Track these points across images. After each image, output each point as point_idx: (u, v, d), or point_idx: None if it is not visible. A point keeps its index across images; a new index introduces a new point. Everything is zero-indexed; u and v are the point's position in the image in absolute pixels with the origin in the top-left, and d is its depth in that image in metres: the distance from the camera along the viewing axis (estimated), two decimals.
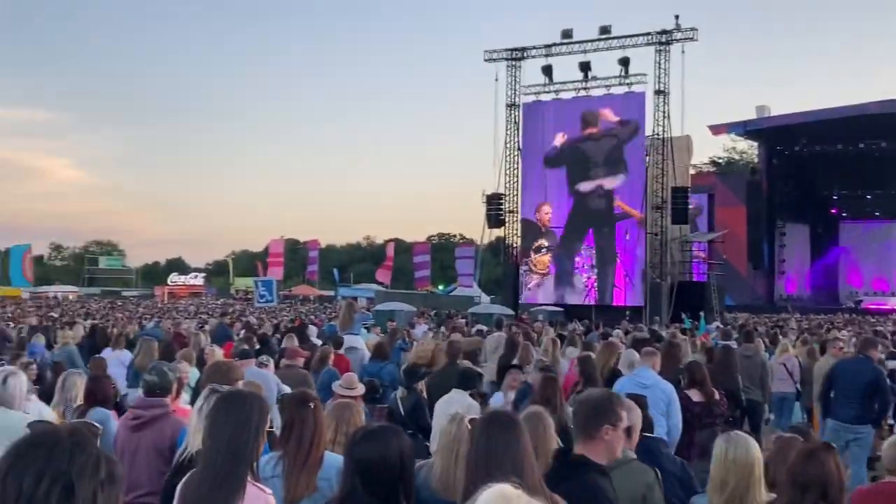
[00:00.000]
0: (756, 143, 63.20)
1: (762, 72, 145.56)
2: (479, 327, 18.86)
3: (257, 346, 11.85)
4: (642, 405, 5.14)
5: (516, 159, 39.83)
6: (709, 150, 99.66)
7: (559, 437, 4.28)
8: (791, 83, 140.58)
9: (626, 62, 36.65)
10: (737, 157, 78.43)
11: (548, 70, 38.78)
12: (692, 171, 46.44)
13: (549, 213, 38.58)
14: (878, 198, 59.96)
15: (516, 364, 9.26)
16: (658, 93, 36.32)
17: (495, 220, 40.01)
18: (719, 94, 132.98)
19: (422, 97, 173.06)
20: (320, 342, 12.97)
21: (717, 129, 61.19)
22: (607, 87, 37.56)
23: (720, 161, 78.73)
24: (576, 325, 22.20)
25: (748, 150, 72.98)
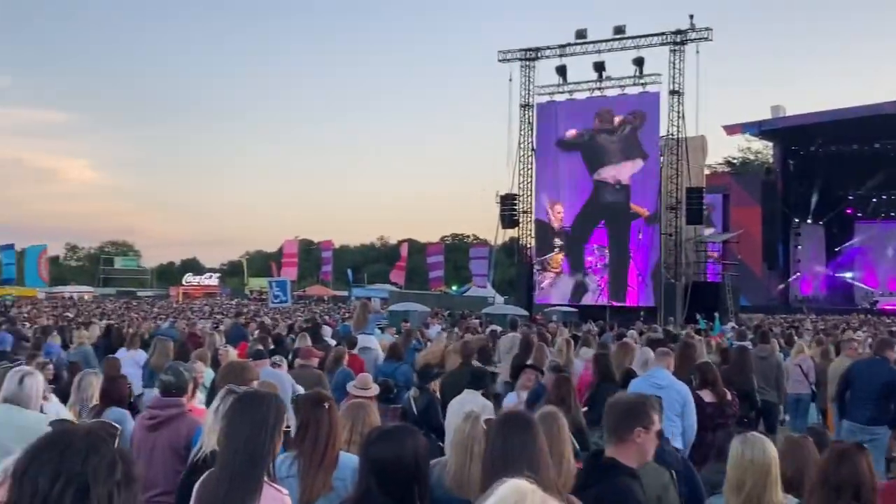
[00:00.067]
0: (771, 144, 63.01)
1: (777, 72, 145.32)
2: (493, 328, 18.84)
3: (272, 347, 11.90)
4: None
5: (530, 159, 39.77)
6: (723, 150, 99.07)
7: (573, 438, 4.28)
8: (806, 83, 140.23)
9: (640, 62, 36.58)
10: (752, 157, 78.37)
11: (562, 70, 38.72)
12: (707, 172, 46.32)
13: (562, 213, 38.49)
14: (893, 198, 59.64)
15: (532, 364, 9.24)
16: (673, 93, 36.26)
17: (509, 220, 39.99)
18: (734, 94, 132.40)
19: (428, 97, 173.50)
20: (334, 342, 12.96)
21: (731, 130, 61.02)
22: (622, 87, 37.48)
23: (735, 161, 78.62)
24: (590, 326, 22.06)
25: (763, 150, 72.93)
